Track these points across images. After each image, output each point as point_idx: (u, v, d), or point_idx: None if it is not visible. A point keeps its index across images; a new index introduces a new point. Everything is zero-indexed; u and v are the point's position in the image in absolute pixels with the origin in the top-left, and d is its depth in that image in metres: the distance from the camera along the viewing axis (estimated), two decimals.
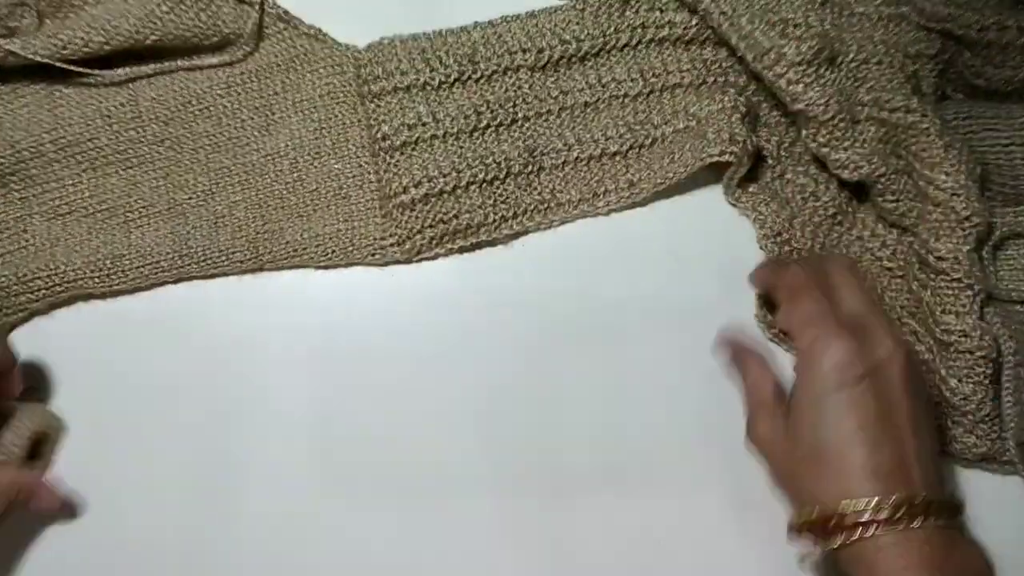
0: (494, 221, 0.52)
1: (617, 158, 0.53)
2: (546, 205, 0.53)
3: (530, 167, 0.52)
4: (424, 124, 0.51)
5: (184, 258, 0.51)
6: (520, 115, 0.53)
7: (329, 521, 0.50)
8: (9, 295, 0.49)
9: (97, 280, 0.50)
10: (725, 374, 0.51)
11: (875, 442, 0.41)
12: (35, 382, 0.50)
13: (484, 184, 0.51)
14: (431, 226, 0.51)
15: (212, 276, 0.51)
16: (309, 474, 0.50)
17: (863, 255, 0.53)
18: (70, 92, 0.51)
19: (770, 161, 0.54)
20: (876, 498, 0.40)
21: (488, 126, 0.52)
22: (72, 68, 0.49)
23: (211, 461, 0.50)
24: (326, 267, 0.52)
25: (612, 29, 0.53)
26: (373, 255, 0.52)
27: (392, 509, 0.50)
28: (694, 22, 0.53)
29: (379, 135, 0.51)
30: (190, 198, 0.52)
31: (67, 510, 0.49)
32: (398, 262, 0.52)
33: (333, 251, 0.52)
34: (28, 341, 0.50)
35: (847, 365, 0.42)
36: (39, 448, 0.48)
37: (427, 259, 0.52)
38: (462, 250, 0.52)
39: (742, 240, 0.54)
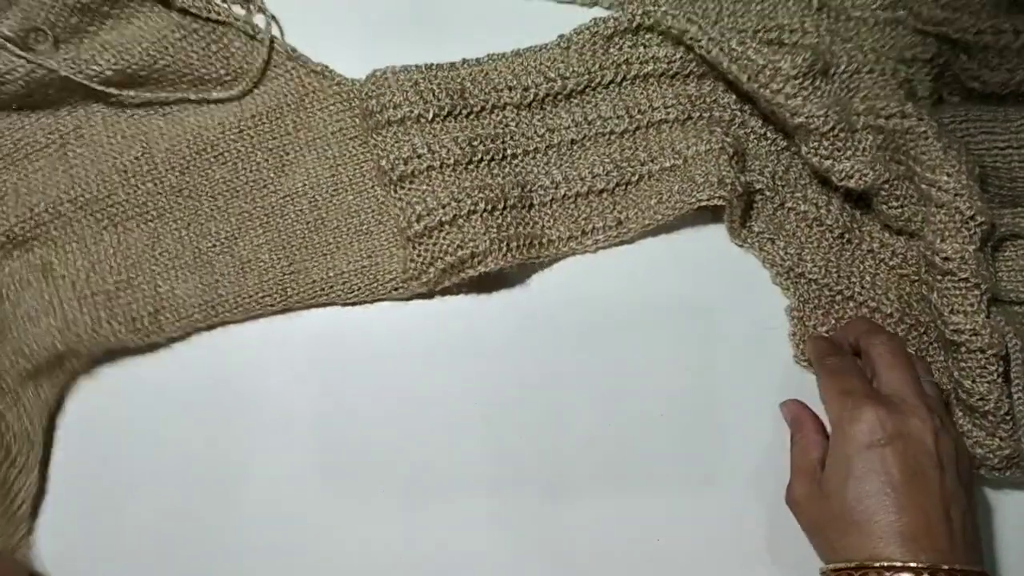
0: (501, 250, 0.51)
1: (604, 195, 0.54)
2: (538, 241, 0.53)
3: (523, 202, 0.53)
4: (419, 156, 0.51)
5: (216, 307, 0.52)
6: (509, 152, 0.53)
7: (331, 522, 0.51)
8: (53, 364, 0.50)
9: (134, 335, 0.50)
10: (725, 374, 0.53)
11: (901, 506, 0.43)
12: None
13: (485, 213, 0.51)
14: (440, 257, 0.51)
15: (244, 320, 0.52)
16: (311, 475, 0.52)
17: (878, 267, 0.54)
18: (83, 151, 0.51)
19: (767, 193, 0.55)
20: (900, 563, 0.42)
21: (482, 159, 0.52)
22: (81, 79, 0.49)
23: (215, 462, 0.52)
24: (352, 304, 0.54)
25: (597, 66, 0.53)
26: (396, 289, 0.53)
27: (393, 509, 0.52)
28: (678, 56, 0.53)
29: (380, 170, 0.52)
30: (214, 246, 0.52)
31: None
32: (421, 296, 0.54)
33: (359, 288, 0.53)
34: None
35: (875, 428, 0.44)
36: None
37: (448, 291, 0.54)
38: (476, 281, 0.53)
39: None
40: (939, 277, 0.50)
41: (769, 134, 0.55)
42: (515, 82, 0.53)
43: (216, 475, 0.52)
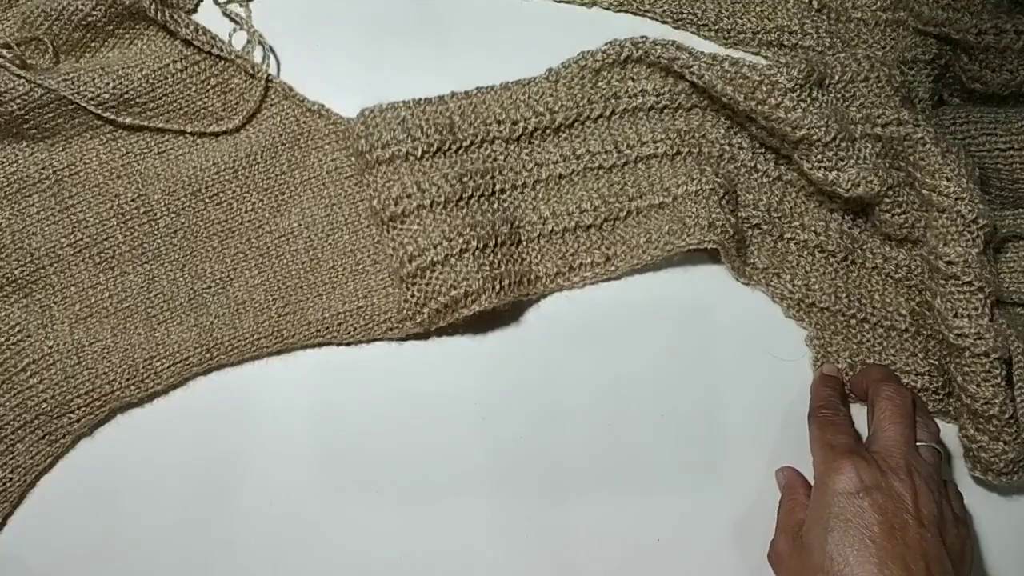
0: (493, 288, 0.50)
1: (592, 231, 0.53)
2: (526, 277, 0.52)
3: (512, 238, 0.52)
4: (410, 195, 0.50)
5: (211, 350, 0.51)
6: (498, 187, 0.53)
7: (331, 524, 0.51)
8: (51, 419, 0.50)
9: (133, 388, 0.50)
10: (725, 375, 0.53)
11: (881, 559, 0.42)
12: None
13: (476, 251, 0.50)
14: (433, 297, 0.50)
15: (240, 363, 0.52)
16: (309, 476, 0.51)
17: (885, 283, 0.53)
18: (79, 191, 0.51)
19: (764, 226, 0.54)
20: None
21: (472, 195, 0.51)
22: (78, 99, 0.49)
23: (214, 466, 0.51)
24: (348, 344, 0.53)
25: (585, 100, 0.53)
26: (391, 329, 0.52)
27: (394, 511, 0.51)
28: (667, 89, 0.53)
29: (372, 210, 0.52)
30: (209, 287, 0.52)
31: None
32: (417, 336, 0.53)
33: (354, 328, 0.52)
34: None
35: (852, 479, 0.45)
36: None
37: (443, 331, 0.53)
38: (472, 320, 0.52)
39: None
40: (942, 282, 0.50)
41: (759, 166, 0.54)
42: (504, 116, 0.53)
43: (215, 477, 0.51)
